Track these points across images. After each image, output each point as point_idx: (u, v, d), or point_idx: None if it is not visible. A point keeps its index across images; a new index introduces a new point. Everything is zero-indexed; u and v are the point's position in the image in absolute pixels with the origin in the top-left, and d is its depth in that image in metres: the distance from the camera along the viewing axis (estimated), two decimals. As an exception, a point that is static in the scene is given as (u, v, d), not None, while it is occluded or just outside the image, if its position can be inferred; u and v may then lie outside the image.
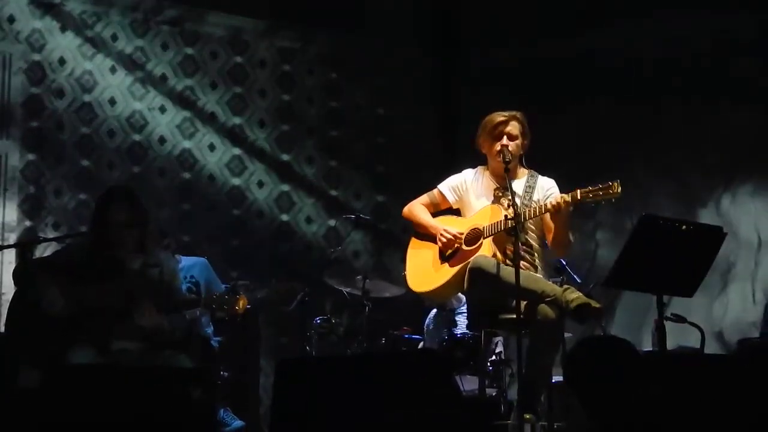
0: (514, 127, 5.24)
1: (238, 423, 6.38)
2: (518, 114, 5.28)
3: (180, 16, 7.89)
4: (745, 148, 7.36)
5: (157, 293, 4.86)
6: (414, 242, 5.47)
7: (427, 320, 7.08)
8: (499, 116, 5.25)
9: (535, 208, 5.03)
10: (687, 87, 7.56)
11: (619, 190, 4.74)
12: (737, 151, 7.39)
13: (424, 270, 5.32)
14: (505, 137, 5.20)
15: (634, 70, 7.75)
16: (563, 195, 4.93)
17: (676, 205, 7.53)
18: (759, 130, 7.28)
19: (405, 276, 5.44)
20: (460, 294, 5.83)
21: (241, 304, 4.91)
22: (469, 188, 5.35)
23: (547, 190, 5.25)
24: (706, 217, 7.28)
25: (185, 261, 6.24)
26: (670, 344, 5.13)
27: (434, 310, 7.05)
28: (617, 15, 7.65)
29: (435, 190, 5.45)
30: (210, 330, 6.31)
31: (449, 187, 5.42)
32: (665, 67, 7.67)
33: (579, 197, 4.84)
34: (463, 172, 5.43)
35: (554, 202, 4.92)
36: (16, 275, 5.04)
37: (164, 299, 4.89)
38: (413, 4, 8.52)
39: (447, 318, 6.86)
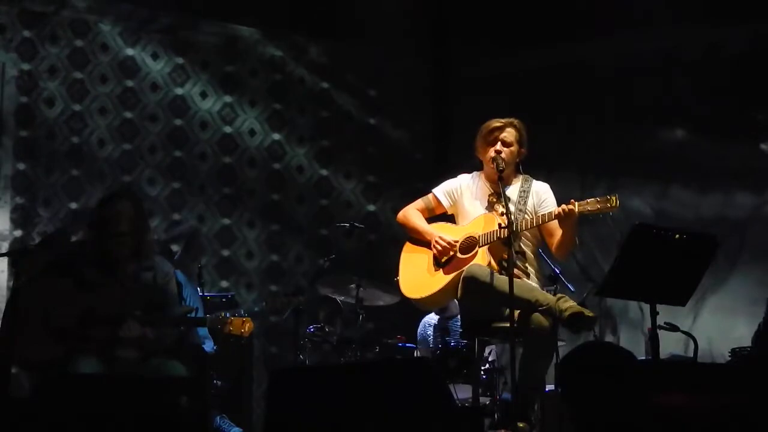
0: (509, 134, 5.24)
1: (236, 430, 6.36)
2: (515, 121, 5.29)
3: (173, 24, 7.87)
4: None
5: (150, 298, 4.85)
6: (408, 247, 5.45)
7: (419, 328, 7.04)
8: (496, 122, 5.27)
9: (532, 219, 5.04)
10: (677, 97, 7.57)
11: (617, 203, 4.75)
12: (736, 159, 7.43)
13: (418, 276, 5.31)
14: (499, 143, 5.22)
15: (628, 79, 7.75)
16: (564, 205, 4.93)
17: (665, 215, 7.54)
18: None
19: (398, 281, 5.43)
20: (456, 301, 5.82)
21: (247, 327, 4.90)
22: (463, 193, 5.36)
23: (541, 194, 5.26)
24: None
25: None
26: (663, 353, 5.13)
27: (428, 317, 6.99)
28: (610, 25, 7.67)
29: (430, 195, 5.46)
30: (205, 336, 6.28)
31: (444, 191, 5.42)
32: (656, 77, 7.68)
33: (576, 210, 4.84)
34: (458, 176, 5.45)
35: (565, 209, 4.90)
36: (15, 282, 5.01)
37: (157, 304, 4.87)
38: (407, 14, 8.51)
39: (441, 326, 6.84)
